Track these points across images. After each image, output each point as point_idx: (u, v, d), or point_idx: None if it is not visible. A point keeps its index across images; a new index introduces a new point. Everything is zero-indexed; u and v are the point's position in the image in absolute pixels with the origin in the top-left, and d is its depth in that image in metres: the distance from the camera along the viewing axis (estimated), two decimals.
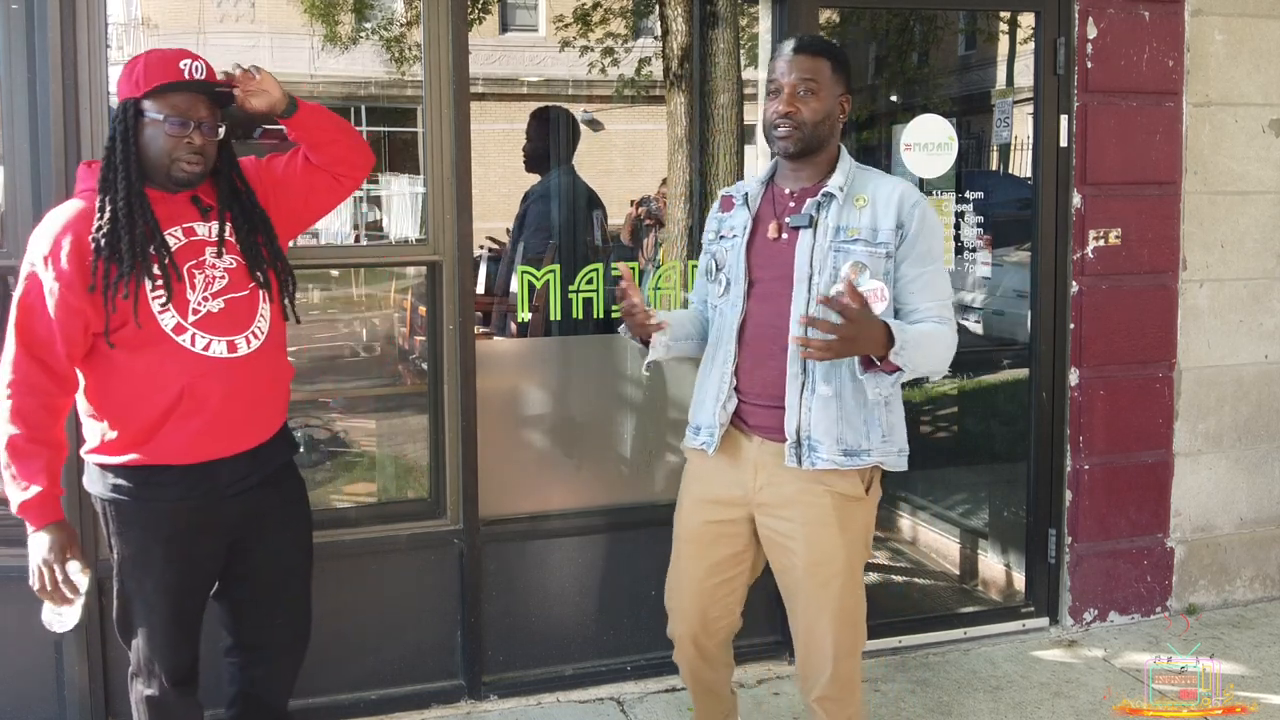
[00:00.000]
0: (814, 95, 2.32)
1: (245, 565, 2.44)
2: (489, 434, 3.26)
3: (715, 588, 2.52)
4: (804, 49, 2.35)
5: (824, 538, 2.36)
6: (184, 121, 2.22)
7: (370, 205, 6.19)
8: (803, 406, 2.32)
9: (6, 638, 2.97)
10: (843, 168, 2.38)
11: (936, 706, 3.33)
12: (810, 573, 2.38)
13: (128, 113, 2.22)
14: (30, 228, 2.85)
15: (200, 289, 2.26)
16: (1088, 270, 3.73)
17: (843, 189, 2.34)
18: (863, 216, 2.32)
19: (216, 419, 2.26)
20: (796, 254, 2.33)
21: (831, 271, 2.30)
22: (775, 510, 2.40)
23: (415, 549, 3.24)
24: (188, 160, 2.23)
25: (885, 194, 2.34)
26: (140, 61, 2.23)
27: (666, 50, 4.02)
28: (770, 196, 2.45)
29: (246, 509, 2.37)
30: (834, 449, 2.32)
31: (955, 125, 3.67)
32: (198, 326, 2.24)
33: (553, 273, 3.42)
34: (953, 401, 5.10)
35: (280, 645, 2.56)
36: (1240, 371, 3.96)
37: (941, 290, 2.35)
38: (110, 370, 2.24)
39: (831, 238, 2.32)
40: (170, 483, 2.27)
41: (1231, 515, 4.01)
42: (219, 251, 2.30)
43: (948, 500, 4.69)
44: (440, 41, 3.10)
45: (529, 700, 3.32)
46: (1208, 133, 3.83)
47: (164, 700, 2.39)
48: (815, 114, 2.32)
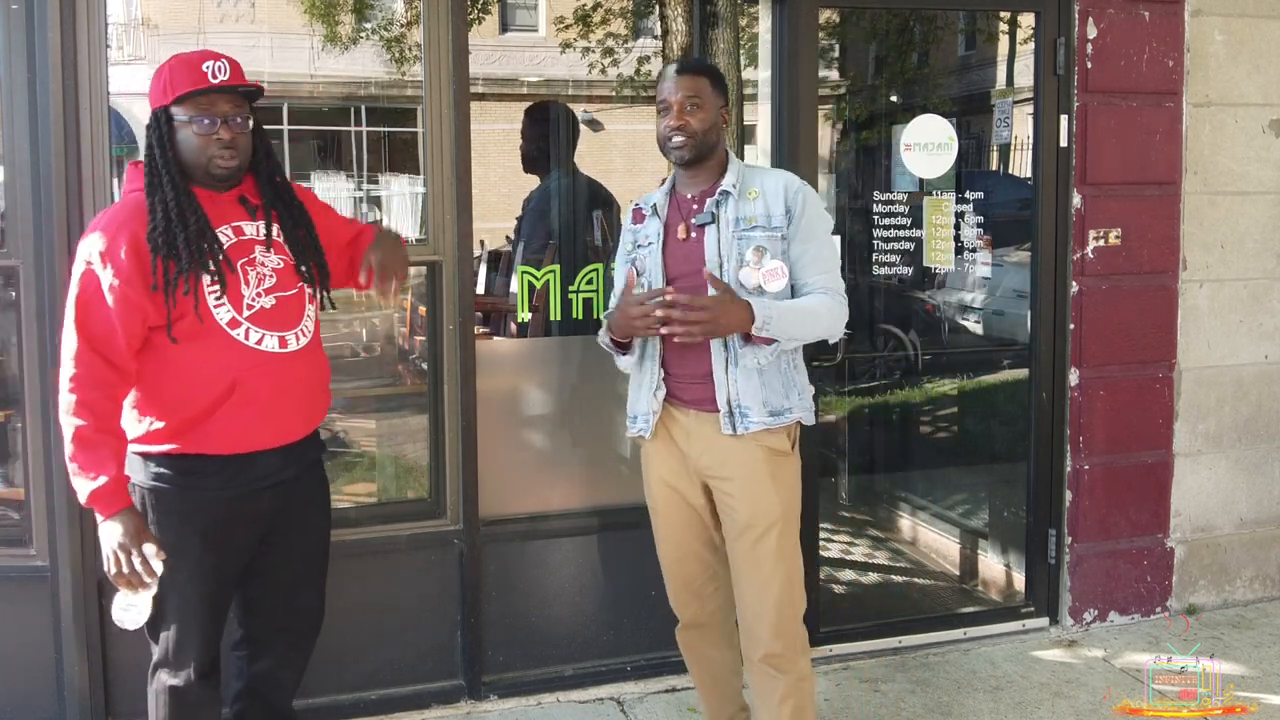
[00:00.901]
0: (699, 108, 2.59)
1: (268, 559, 2.48)
2: (489, 434, 3.26)
3: (698, 553, 2.74)
4: (685, 70, 2.64)
5: (760, 491, 2.59)
6: (210, 119, 2.29)
7: (370, 205, 6.19)
8: (729, 379, 2.56)
9: (6, 638, 2.98)
10: (733, 169, 2.64)
11: (936, 706, 3.33)
12: (750, 525, 2.59)
13: (160, 120, 2.30)
14: (30, 228, 2.87)
15: (253, 285, 2.34)
16: (1088, 270, 3.73)
17: (735, 186, 2.61)
18: (756, 206, 2.60)
19: (266, 411, 2.34)
20: (706, 248, 2.60)
21: (738, 258, 2.57)
22: (716, 471, 2.62)
23: (415, 549, 3.24)
24: (221, 156, 2.31)
25: (772, 185, 2.62)
26: (166, 69, 2.31)
27: (666, 50, 4.02)
28: (675, 204, 2.70)
29: (278, 502, 2.43)
30: (762, 412, 2.56)
31: (955, 125, 3.68)
32: (251, 321, 2.32)
33: (552, 273, 3.43)
34: (953, 401, 5.10)
35: (290, 641, 2.59)
36: (1240, 372, 3.96)
37: (827, 263, 2.61)
38: (163, 362, 2.30)
39: (734, 228, 2.59)
40: (212, 472, 2.33)
41: (1231, 515, 4.01)
42: (267, 249, 2.38)
43: (948, 500, 4.69)
44: (440, 41, 3.11)
45: (529, 700, 3.32)
46: (1208, 133, 3.83)
47: (188, 691, 2.41)
48: (702, 124, 2.59)
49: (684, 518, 2.72)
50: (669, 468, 2.70)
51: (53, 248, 2.86)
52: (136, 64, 5.20)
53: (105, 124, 2.89)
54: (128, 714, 3.02)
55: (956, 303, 5.12)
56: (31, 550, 2.97)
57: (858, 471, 5.06)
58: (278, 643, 2.57)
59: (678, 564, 2.77)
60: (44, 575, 2.96)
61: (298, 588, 2.55)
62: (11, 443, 3.15)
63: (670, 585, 2.81)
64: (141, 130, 2.40)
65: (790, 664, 2.61)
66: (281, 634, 2.57)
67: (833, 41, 6.05)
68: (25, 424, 2.95)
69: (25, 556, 2.97)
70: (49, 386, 2.88)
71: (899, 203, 3.75)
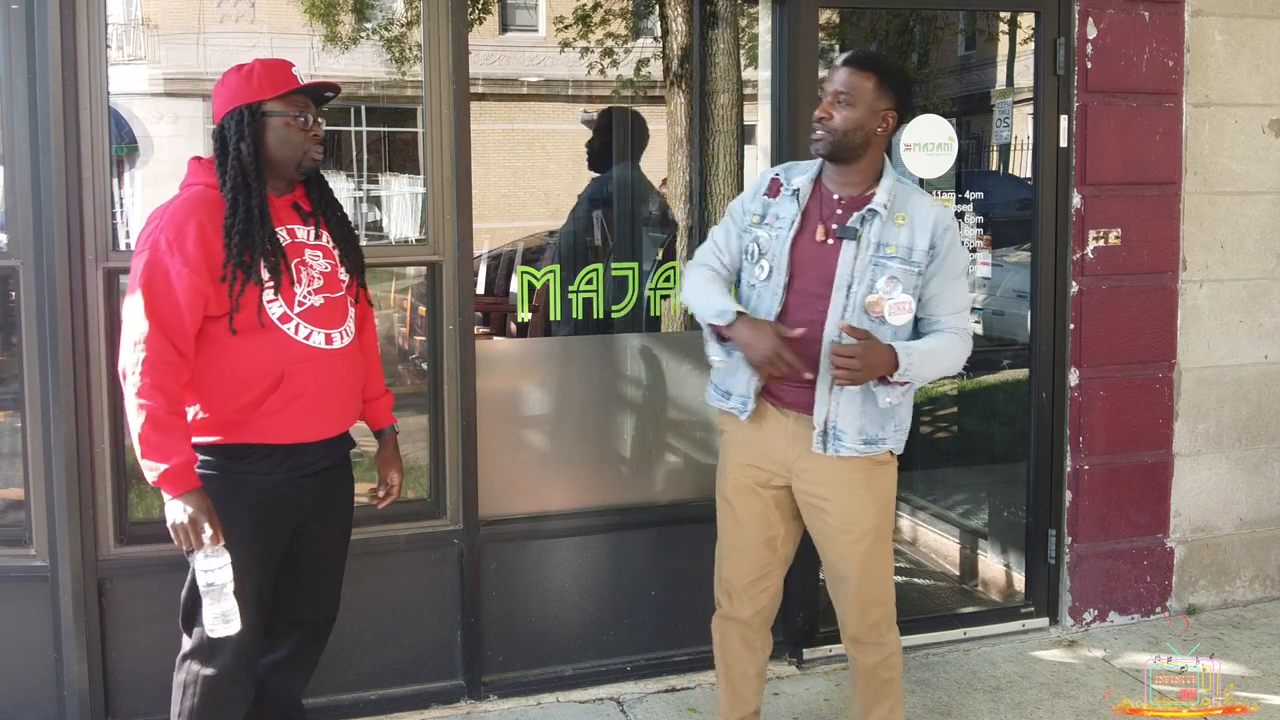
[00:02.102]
0: (849, 106, 2.48)
1: (296, 548, 2.52)
2: (489, 434, 3.26)
3: (759, 547, 2.72)
4: (850, 62, 2.53)
5: (855, 500, 2.60)
6: (307, 116, 2.41)
7: (370, 205, 6.19)
8: (831, 400, 2.53)
9: (6, 638, 2.97)
10: (885, 184, 2.55)
11: (936, 706, 3.33)
12: (844, 530, 2.62)
13: (253, 115, 2.36)
14: (30, 228, 2.87)
15: (305, 284, 2.42)
16: (1088, 270, 3.73)
17: (886, 207, 2.52)
18: (901, 234, 2.52)
19: (312, 404, 2.41)
20: (839, 262, 2.52)
21: (869, 283, 2.51)
22: (810, 476, 2.61)
23: (415, 549, 3.24)
24: (315, 151, 2.44)
25: (922, 216, 2.53)
26: (255, 69, 2.39)
27: (666, 50, 4.02)
28: (818, 196, 2.60)
29: (316, 492, 2.49)
30: (856, 439, 2.55)
31: (955, 125, 3.67)
32: (301, 318, 2.40)
33: (552, 273, 3.42)
34: (953, 401, 5.10)
35: (305, 634, 2.63)
36: (1240, 372, 3.96)
37: (959, 303, 2.58)
38: (215, 353, 2.35)
39: (872, 253, 2.51)
40: (259, 458, 2.40)
41: (1231, 515, 4.01)
42: (316, 254, 2.47)
43: (948, 500, 4.69)
44: (440, 41, 3.11)
45: (529, 700, 3.32)
46: (1208, 133, 3.83)
47: (221, 680, 2.42)
48: (846, 123, 2.49)
49: (755, 510, 2.70)
50: (754, 456, 2.67)
51: (52, 248, 2.85)
52: (136, 64, 5.20)
53: (105, 124, 2.89)
54: (128, 714, 3.02)
55: None
56: (31, 550, 2.96)
57: None
58: (294, 635, 2.62)
59: (735, 553, 2.76)
60: (44, 575, 2.95)
61: (319, 580, 2.61)
62: (12, 443, 3.15)
63: (721, 572, 2.80)
64: (143, 129, 2.41)
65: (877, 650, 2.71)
66: (298, 626, 2.62)
67: (833, 41, 6.05)
68: (25, 424, 2.94)
69: (25, 556, 2.97)
70: (49, 386, 2.88)
71: None
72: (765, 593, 2.77)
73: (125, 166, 3.72)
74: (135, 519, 3.06)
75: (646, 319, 3.52)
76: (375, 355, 2.74)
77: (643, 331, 3.52)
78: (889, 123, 2.53)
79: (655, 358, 3.55)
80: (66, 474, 2.89)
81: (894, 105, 2.53)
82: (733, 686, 2.86)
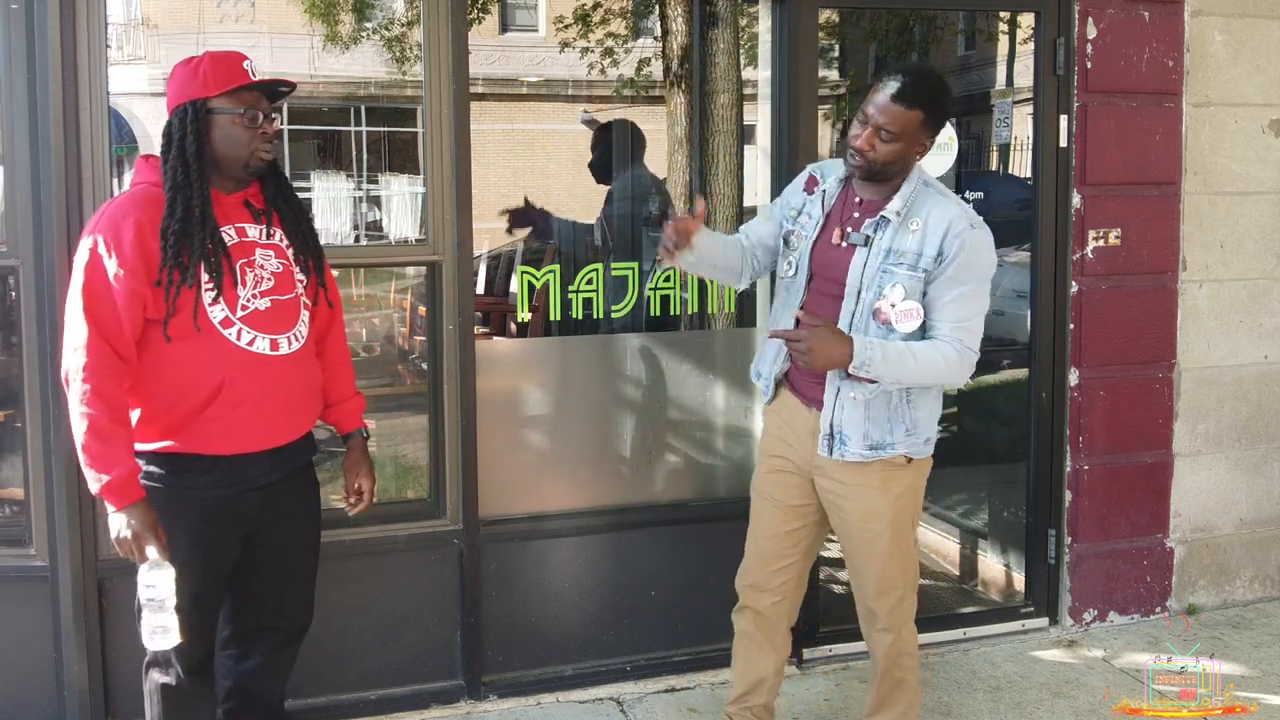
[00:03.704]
0: (892, 141, 2.46)
1: (250, 559, 2.47)
2: (489, 434, 3.26)
3: (780, 538, 2.76)
4: (899, 98, 2.44)
5: (869, 498, 2.62)
6: (256, 113, 2.32)
7: (370, 205, 6.19)
8: (837, 405, 2.57)
9: (6, 638, 2.97)
10: (904, 191, 2.53)
11: (936, 706, 3.33)
12: (859, 528, 2.66)
13: (197, 112, 2.28)
14: (30, 228, 2.87)
15: (250, 287, 2.34)
16: (1087, 270, 3.73)
17: (899, 213, 2.52)
18: (912, 241, 2.50)
19: (254, 412, 2.34)
20: (850, 267, 2.55)
21: (877, 289, 2.52)
22: (828, 472, 2.65)
23: (415, 549, 3.23)
24: (264, 150, 2.35)
25: (936, 220, 2.49)
26: (202, 63, 2.31)
27: (666, 50, 4.02)
28: (844, 196, 2.64)
29: (265, 503, 2.43)
30: (861, 444, 2.57)
31: (955, 125, 3.67)
32: (244, 322, 2.32)
33: (552, 273, 3.42)
34: (953, 401, 5.09)
35: (274, 641, 2.59)
36: (1240, 372, 3.96)
37: (963, 314, 2.52)
38: (154, 358, 2.29)
39: (882, 260, 2.52)
40: (202, 471, 2.33)
41: (1231, 516, 4.01)
42: (268, 253, 2.39)
43: (948, 500, 4.68)
44: (440, 41, 3.10)
45: (529, 700, 3.32)
46: (1207, 133, 3.83)
47: (180, 688, 2.42)
48: (887, 156, 2.47)
49: (779, 500, 2.74)
50: (782, 447, 2.73)
51: (52, 248, 2.85)
52: (136, 64, 5.20)
53: (105, 124, 2.88)
54: (128, 714, 3.02)
55: None
56: (31, 550, 2.96)
57: None
58: (262, 642, 2.58)
59: (757, 541, 2.81)
60: (44, 575, 2.95)
61: (281, 589, 2.55)
62: (11, 443, 3.15)
63: (746, 559, 2.84)
64: (143, 129, 2.40)
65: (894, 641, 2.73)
66: (265, 633, 2.58)
67: (833, 41, 6.04)
68: (25, 424, 2.94)
69: (25, 556, 2.97)
70: (49, 386, 2.88)
71: None
72: (785, 585, 2.79)
73: (125, 166, 3.71)
74: None
75: (646, 319, 3.52)
76: (344, 356, 2.66)
77: (643, 331, 3.53)
78: (926, 146, 2.53)
79: (655, 358, 3.55)
80: (66, 474, 2.89)
81: (934, 133, 2.53)
82: (744, 677, 2.85)
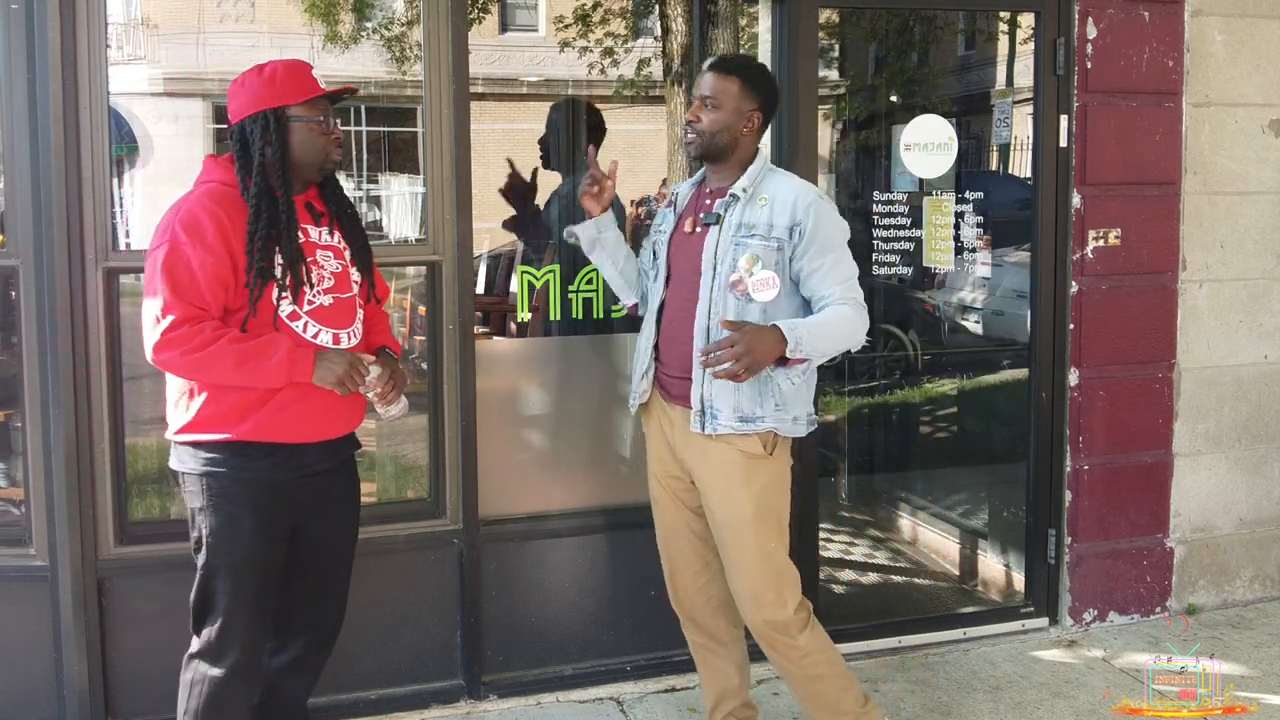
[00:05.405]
0: (716, 109, 2.62)
1: (299, 550, 2.52)
2: (489, 434, 3.26)
3: (689, 538, 2.82)
4: (714, 68, 2.67)
5: (731, 490, 2.66)
6: (329, 119, 2.45)
7: (370, 205, 6.19)
8: (704, 378, 2.60)
9: (6, 638, 2.98)
10: (750, 172, 2.66)
11: (936, 706, 3.33)
12: (725, 522, 2.68)
13: (279, 120, 2.39)
14: (30, 227, 2.87)
15: (315, 284, 2.44)
16: (1087, 270, 3.74)
17: (746, 190, 2.64)
18: (761, 214, 2.61)
19: (318, 404, 2.42)
20: (704, 247, 2.64)
21: (731, 262, 2.59)
22: (695, 466, 2.71)
23: (415, 549, 3.24)
24: (337, 153, 2.49)
25: (784, 194, 2.62)
26: (277, 73, 2.41)
27: (666, 50, 4.02)
28: (697, 194, 2.76)
29: (317, 491, 2.50)
30: (731, 416, 2.60)
31: (955, 125, 3.67)
32: (310, 316, 2.42)
33: (552, 273, 3.43)
34: (953, 401, 5.10)
35: (313, 637, 2.64)
36: (1240, 372, 3.96)
37: (844, 274, 2.61)
38: None
39: (733, 233, 2.61)
40: (262, 456, 2.40)
41: (1231, 515, 4.01)
42: (327, 254, 2.49)
43: (948, 500, 4.69)
44: (440, 41, 3.11)
45: (529, 700, 3.32)
46: (1207, 133, 3.83)
47: (228, 680, 2.43)
48: (713, 125, 2.63)
49: (672, 501, 2.82)
50: (660, 453, 2.81)
51: (52, 248, 2.86)
52: (136, 64, 5.19)
53: (105, 124, 2.89)
54: (128, 714, 3.02)
55: (956, 303, 5.12)
56: (31, 550, 2.97)
57: (858, 471, 5.06)
58: (301, 637, 2.62)
59: (665, 544, 2.88)
60: (44, 575, 2.96)
61: (326, 582, 2.61)
62: (11, 442, 3.15)
63: (664, 569, 2.90)
64: (143, 129, 2.41)
65: (784, 651, 2.68)
66: (306, 629, 2.62)
67: (833, 41, 6.05)
68: (25, 424, 2.95)
69: (25, 556, 2.97)
70: (49, 386, 2.88)
71: (899, 203, 3.75)
72: (709, 585, 2.83)
73: (125, 166, 3.71)
74: (135, 519, 3.06)
75: None
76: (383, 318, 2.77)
77: None
78: (755, 122, 2.66)
79: None
80: (66, 474, 2.89)
81: (759, 106, 2.65)
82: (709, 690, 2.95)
